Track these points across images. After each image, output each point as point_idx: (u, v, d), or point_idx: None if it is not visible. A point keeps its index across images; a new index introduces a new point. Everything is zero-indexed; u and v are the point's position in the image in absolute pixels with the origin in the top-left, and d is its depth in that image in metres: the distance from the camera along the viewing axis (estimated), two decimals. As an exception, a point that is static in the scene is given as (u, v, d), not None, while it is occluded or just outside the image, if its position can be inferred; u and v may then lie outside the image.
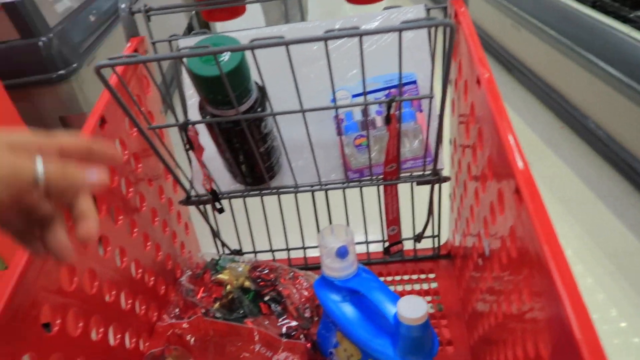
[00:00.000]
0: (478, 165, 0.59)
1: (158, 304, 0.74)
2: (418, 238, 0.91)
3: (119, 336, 0.61)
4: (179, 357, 0.68)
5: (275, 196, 0.83)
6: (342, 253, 0.60)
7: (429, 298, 0.87)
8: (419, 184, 0.77)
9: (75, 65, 1.61)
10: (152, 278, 0.73)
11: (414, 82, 0.68)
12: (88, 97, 1.68)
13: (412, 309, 0.51)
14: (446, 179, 0.74)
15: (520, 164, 0.43)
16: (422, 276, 0.92)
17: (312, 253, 0.96)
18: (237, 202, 0.85)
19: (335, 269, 0.61)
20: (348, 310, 0.61)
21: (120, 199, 0.65)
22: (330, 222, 0.84)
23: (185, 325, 0.69)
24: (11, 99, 1.41)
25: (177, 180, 0.76)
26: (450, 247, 0.93)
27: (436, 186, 0.80)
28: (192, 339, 0.68)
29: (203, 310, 0.73)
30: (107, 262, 0.59)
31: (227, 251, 0.95)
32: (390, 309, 0.55)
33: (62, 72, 1.57)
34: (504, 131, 0.46)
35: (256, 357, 0.66)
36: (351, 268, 0.61)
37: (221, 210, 0.79)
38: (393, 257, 0.94)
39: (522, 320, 0.46)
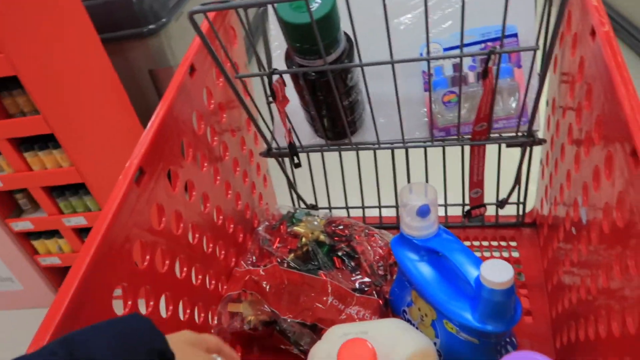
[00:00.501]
0: (582, 127, 0.54)
1: (236, 251, 0.77)
2: (502, 204, 0.87)
3: (200, 276, 0.63)
4: (254, 302, 0.71)
5: (354, 153, 0.82)
6: (423, 212, 0.58)
7: (509, 267, 0.83)
8: (509, 145, 0.72)
9: (164, 20, 1.65)
10: (232, 225, 0.75)
11: (515, 35, 0.63)
12: (175, 51, 1.73)
13: (497, 272, 0.48)
14: (541, 142, 0.69)
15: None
16: (503, 243, 0.88)
17: (387, 212, 0.95)
18: (316, 157, 0.85)
19: (416, 227, 0.59)
20: (425, 270, 0.60)
21: (205, 147, 0.67)
22: (409, 182, 0.82)
23: (261, 272, 0.71)
24: (106, 52, 1.49)
25: (259, 132, 0.77)
26: (535, 215, 0.88)
27: (527, 150, 0.75)
28: (268, 286, 0.70)
29: (278, 260, 0.74)
30: (191, 205, 0.62)
31: (302, 205, 0.96)
32: (472, 271, 0.52)
33: (152, 26, 1.62)
34: (622, 87, 0.41)
35: (329, 308, 0.67)
36: (432, 228, 0.59)
37: (298, 165, 0.79)
38: (473, 221, 0.90)
39: (617, 297, 0.42)
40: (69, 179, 1.36)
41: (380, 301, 0.70)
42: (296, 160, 0.79)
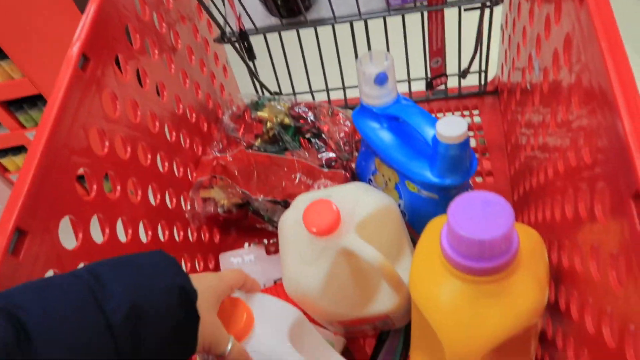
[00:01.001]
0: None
1: (202, 140, 0.77)
2: (464, 74, 0.87)
3: (167, 164, 0.64)
4: (225, 187, 0.72)
5: (313, 34, 0.80)
6: (381, 79, 0.58)
7: (471, 133, 0.85)
8: (467, 9, 0.71)
9: None
10: (194, 114, 0.74)
11: None
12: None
13: (451, 127, 0.50)
14: (498, 2, 0.68)
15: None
16: (466, 112, 0.90)
17: (352, 94, 0.95)
18: (274, 41, 0.82)
19: (374, 96, 0.60)
20: (386, 136, 0.61)
21: (153, 33, 0.64)
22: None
23: (229, 158, 0.72)
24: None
25: (210, 17, 0.73)
26: (497, 82, 0.89)
27: (487, 14, 0.74)
28: (236, 170, 0.71)
29: (245, 145, 0.75)
30: (147, 94, 0.60)
31: (266, 93, 0.95)
32: (429, 131, 0.54)
33: None
34: None
35: (297, 184, 0.69)
36: (390, 95, 0.60)
37: (252, 56, 0.77)
38: (436, 94, 0.91)
39: (564, 141, 0.44)
40: (24, 90, 1.31)
41: (347, 174, 0.72)
42: (249, 50, 0.77)
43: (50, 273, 0.40)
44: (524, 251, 0.41)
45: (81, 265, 0.44)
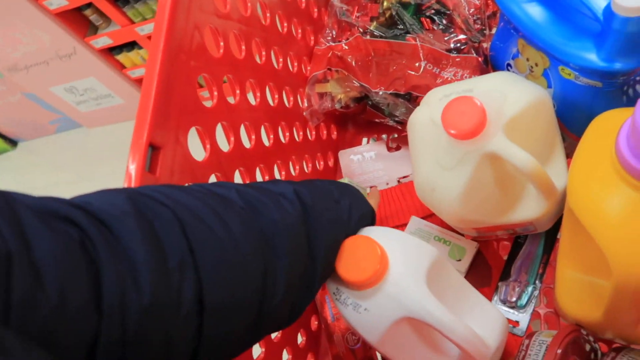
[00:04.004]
0: None
1: (313, 29, 0.70)
2: None
3: (281, 59, 0.60)
4: (341, 79, 0.67)
5: None
6: (533, -64, 0.46)
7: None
8: None
9: None
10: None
11: None
12: None
13: (635, -4, 0.39)
14: None
15: None
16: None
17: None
18: None
19: (523, -41, 0.48)
20: (535, 10, 0.50)
21: None
22: None
23: (344, 47, 0.65)
24: None
25: None
26: None
27: None
28: (353, 61, 0.65)
29: (360, 30, 0.67)
30: (255, -19, 0.54)
31: (378, -35, 0.83)
32: (599, 1, 0.43)
33: None
34: None
35: (423, 74, 0.62)
36: (544, -43, 0.48)
37: None
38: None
39: None
40: (128, -16, 1.30)
41: (480, 58, 0.63)
42: None
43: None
44: None
45: (213, 177, 0.43)
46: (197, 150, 0.43)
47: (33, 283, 0.23)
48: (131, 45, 1.61)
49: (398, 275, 0.38)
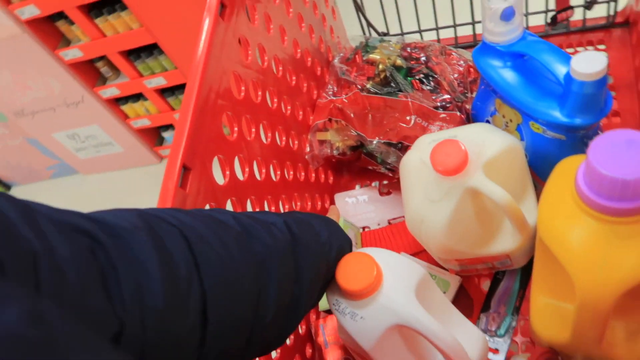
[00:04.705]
0: None
1: (317, 84, 0.79)
2: (589, 4, 0.80)
3: (289, 107, 0.67)
4: (340, 129, 0.75)
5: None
6: (507, 15, 0.56)
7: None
8: None
9: None
10: (309, 58, 0.76)
11: None
12: None
13: (589, 63, 0.47)
14: None
15: None
16: (590, 48, 0.84)
17: (463, 31, 0.92)
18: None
19: (499, 33, 0.58)
20: (510, 75, 0.59)
21: (273, -23, 0.66)
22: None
23: (344, 100, 0.74)
24: None
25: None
26: (629, 12, 0.82)
27: None
28: (352, 113, 0.73)
29: (359, 87, 0.76)
30: (272, 39, 0.63)
31: (373, 34, 0.94)
32: (560, 68, 0.52)
33: None
34: None
35: (413, 127, 0.70)
36: (517, 31, 0.58)
37: None
38: (557, 28, 0.85)
39: None
40: (142, 40, 1.41)
41: (463, 116, 0.71)
42: None
43: (207, 206, 0.46)
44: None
45: (229, 202, 0.49)
46: (218, 175, 0.49)
47: (58, 282, 0.25)
48: (137, 97, 1.70)
49: (391, 287, 0.43)
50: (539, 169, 0.60)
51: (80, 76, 1.59)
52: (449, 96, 0.73)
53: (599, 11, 0.82)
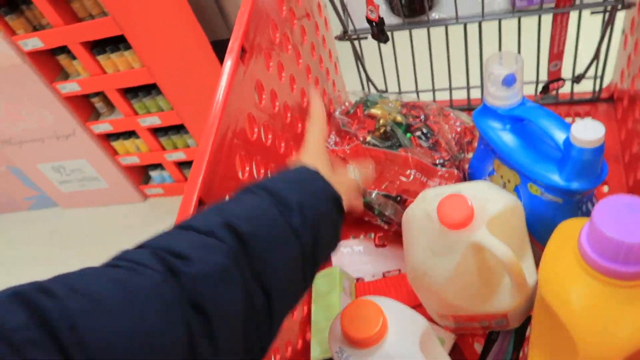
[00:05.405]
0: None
1: (318, 133, 0.81)
2: (578, 79, 0.86)
3: (294, 153, 0.69)
4: (340, 179, 0.76)
5: (422, 35, 0.82)
6: (509, 81, 0.59)
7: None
8: (594, 12, 0.70)
9: None
10: (314, 108, 0.78)
11: None
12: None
13: (588, 131, 0.50)
14: (630, 5, 0.66)
15: None
16: (577, 119, 0.88)
17: (458, 95, 0.96)
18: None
19: (500, 97, 0.61)
20: (509, 138, 0.62)
21: (288, 29, 0.69)
22: (481, 60, 0.82)
23: (346, 150, 0.75)
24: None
25: (336, 14, 0.77)
26: (613, 90, 0.87)
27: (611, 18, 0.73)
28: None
29: (360, 139, 0.78)
30: (283, 86, 0.65)
31: (373, 90, 0.98)
32: (560, 134, 0.54)
33: None
34: None
35: (412, 181, 0.72)
36: (517, 97, 0.61)
37: (386, 39, 0.79)
38: (545, 99, 0.90)
39: None
40: (141, 79, 1.43)
41: (460, 174, 0.73)
42: (383, 33, 0.79)
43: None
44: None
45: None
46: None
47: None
48: (129, 134, 1.70)
49: (396, 337, 0.43)
50: (536, 231, 0.62)
51: (74, 110, 1.59)
52: (446, 154, 0.76)
53: (586, 85, 0.87)
